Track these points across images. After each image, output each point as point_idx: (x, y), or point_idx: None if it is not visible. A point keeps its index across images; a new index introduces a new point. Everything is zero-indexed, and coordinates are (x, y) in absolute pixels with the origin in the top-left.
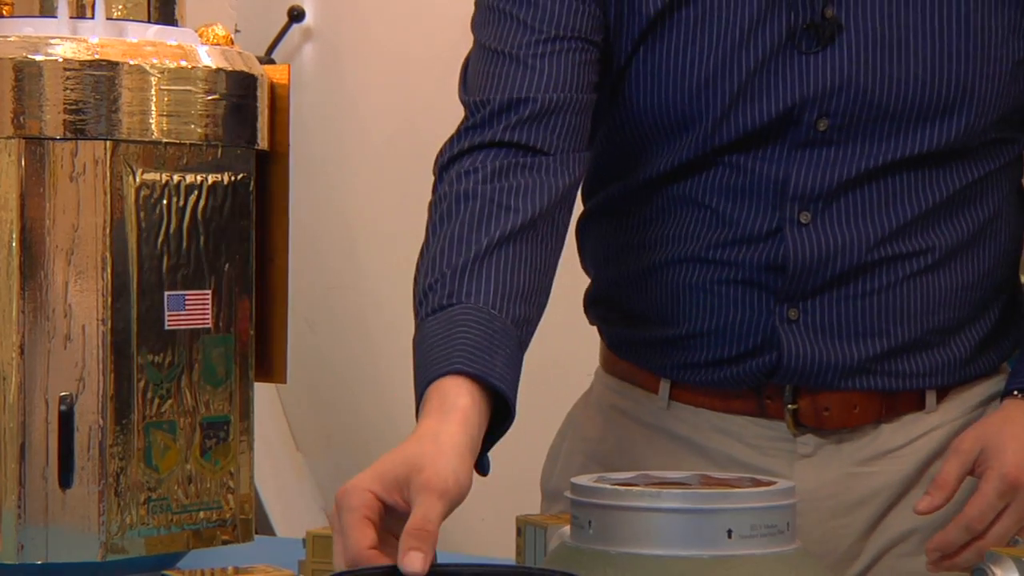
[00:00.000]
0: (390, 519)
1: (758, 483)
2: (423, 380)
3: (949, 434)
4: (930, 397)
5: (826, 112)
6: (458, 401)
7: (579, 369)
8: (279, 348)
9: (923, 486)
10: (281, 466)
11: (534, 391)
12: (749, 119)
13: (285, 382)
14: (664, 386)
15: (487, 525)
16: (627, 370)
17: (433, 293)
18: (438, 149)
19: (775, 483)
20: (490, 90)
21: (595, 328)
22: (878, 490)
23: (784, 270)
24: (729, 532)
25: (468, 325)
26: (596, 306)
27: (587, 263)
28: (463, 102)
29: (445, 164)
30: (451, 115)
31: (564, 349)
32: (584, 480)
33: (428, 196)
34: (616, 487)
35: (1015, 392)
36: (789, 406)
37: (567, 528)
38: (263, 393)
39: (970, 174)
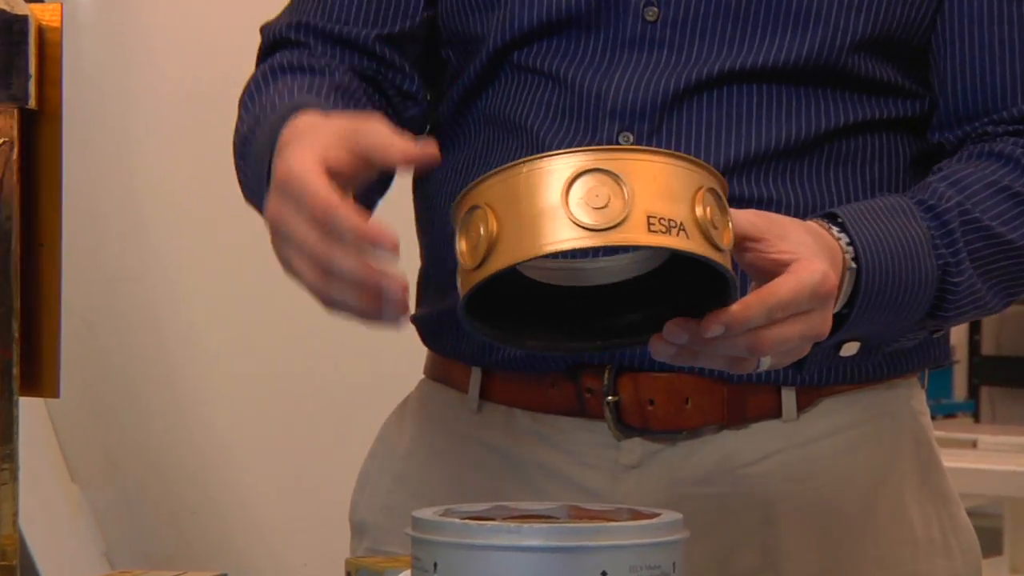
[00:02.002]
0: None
1: (638, 515)
2: (267, 140)
3: (814, 458)
4: (787, 399)
5: None
6: (318, 114)
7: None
8: (50, 354)
9: (778, 524)
10: (52, 501)
11: (363, 420)
12: None
13: (57, 396)
14: (475, 377)
15: (311, 571)
16: (441, 366)
17: (271, 109)
18: None
19: (658, 515)
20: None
21: None
22: (720, 518)
23: None
24: (603, 574)
25: (313, 101)
26: (420, 290)
27: (419, 237)
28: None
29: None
30: None
31: (399, 372)
32: (427, 513)
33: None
34: (467, 522)
35: (824, 219)
36: (609, 398)
37: (407, 572)
38: (30, 411)
39: (839, 114)
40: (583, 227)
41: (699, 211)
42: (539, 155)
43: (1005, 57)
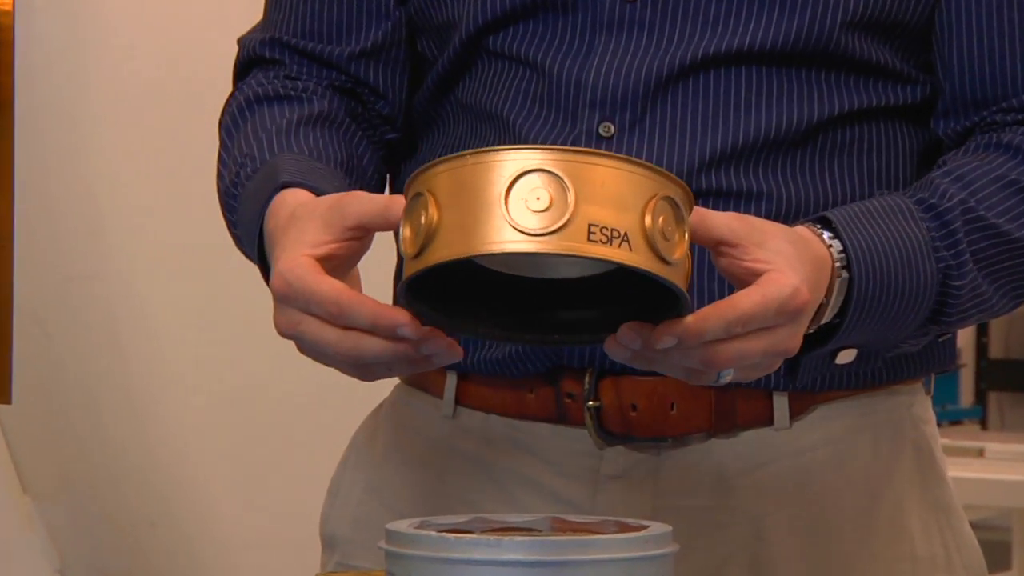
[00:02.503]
0: (332, 269)
1: (625, 527)
2: (254, 216)
3: (808, 469)
4: (779, 405)
5: None
6: (299, 195)
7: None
8: (1, 357)
9: (769, 539)
10: (2, 513)
11: (335, 426)
12: None
13: (9, 402)
14: (450, 383)
15: None
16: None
17: (250, 161)
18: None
19: (646, 527)
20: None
21: None
22: (707, 532)
23: None
24: None
25: (292, 160)
26: (396, 285)
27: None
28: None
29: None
30: (231, 53)
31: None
32: (402, 526)
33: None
34: (444, 535)
35: (816, 224)
36: (590, 403)
37: None
38: None
39: (833, 100)
40: (519, 230)
41: (648, 221)
42: (489, 148)
43: (1015, 40)
